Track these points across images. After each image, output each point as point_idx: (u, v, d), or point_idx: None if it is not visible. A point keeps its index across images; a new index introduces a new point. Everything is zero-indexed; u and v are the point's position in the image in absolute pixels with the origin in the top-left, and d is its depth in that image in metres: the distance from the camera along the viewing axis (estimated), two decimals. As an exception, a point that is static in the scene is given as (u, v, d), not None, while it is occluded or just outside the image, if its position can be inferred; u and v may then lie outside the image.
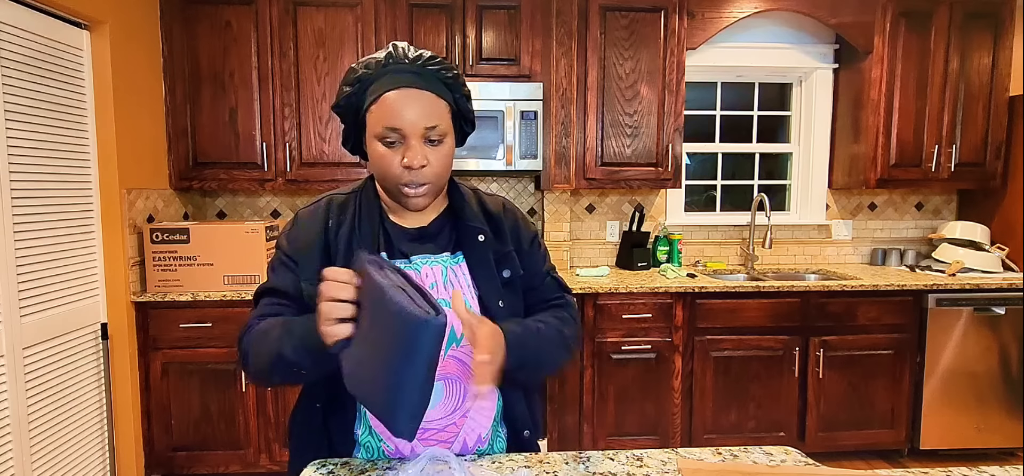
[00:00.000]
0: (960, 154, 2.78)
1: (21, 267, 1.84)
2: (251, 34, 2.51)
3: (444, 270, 0.92)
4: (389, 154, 0.83)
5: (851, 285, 2.50)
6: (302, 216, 0.94)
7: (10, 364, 1.80)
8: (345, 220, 0.91)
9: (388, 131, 0.82)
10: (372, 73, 0.83)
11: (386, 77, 0.82)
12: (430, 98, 0.83)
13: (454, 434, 0.92)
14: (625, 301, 2.46)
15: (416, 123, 0.81)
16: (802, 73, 3.09)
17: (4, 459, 1.78)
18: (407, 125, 0.81)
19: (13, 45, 1.81)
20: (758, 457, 0.88)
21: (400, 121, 0.81)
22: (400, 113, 0.81)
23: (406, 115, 0.81)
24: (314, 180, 2.60)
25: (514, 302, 0.96)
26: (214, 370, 2.35)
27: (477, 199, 1.00)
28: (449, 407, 0.90)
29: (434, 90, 0.83)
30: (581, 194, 3.03)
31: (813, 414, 2.55)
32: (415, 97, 0.82)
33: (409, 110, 0.81)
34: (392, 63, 0.83)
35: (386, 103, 0.81)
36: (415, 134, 0.82)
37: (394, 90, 0.81)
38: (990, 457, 2.63)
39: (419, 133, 0.82)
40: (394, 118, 0.81)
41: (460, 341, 0.89)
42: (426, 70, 0.83)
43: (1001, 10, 2.71)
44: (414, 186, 0.84)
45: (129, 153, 2.27)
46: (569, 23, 2.60)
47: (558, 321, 0.96)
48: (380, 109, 0.82)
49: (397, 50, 0.83)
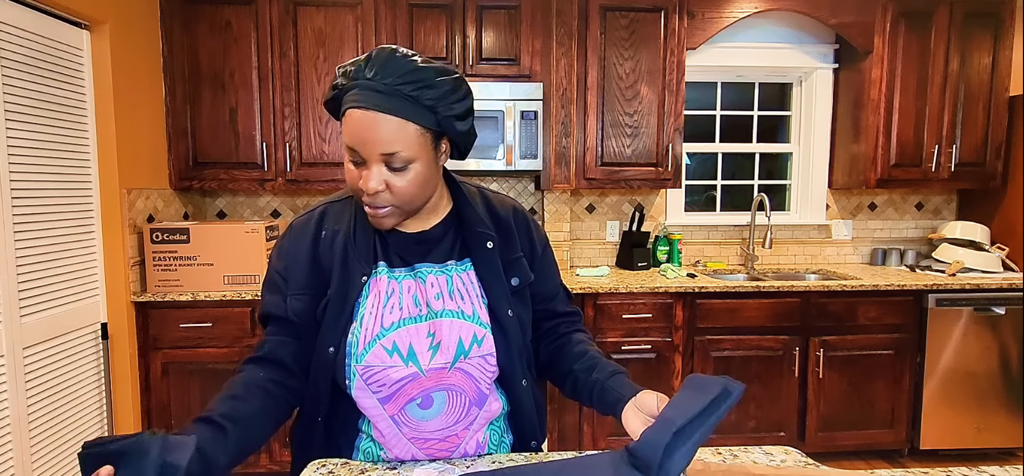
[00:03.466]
0: (960, 154, 2.78)
1: (21, 267, 1.84)
2: (251, 34, 2.51)
3: (449, 280, 0.89)
4: (354, 171, 0.79)
5: (851, 285, 2.50)
6: (295, 226, 0.91)
7: (10, 364, 1.80)
8: (340, 229, 0.88)
9: (350, 150, 0.78)
10: (346, 84, 0.77)
11: (354, 91, 0.76)
12: (394, 124, 0.74)
13: (455, 444, 0.90)
14: (625, 301, 2.46)
15: (370, 147, 0.76)
16: (802, 73, 3.09)
17: (4, 459, 1.78)
18: (364, 149, 0.76)
19: (13, 45, 1.81)
20: (758, 457, 0.88)
21: (356, 143, 0.76)
22: (357, 135, 0.76)
23: (360, 138, 0.75)
24: (314, 180, 2.60)
25: (522, 311, 0.93)
26: (214, 370, 2.35)
27: (483, 201, 0.95)
28: (450, 419, 0.88)
29: (402, 113, 0.75)
30: (581, 194, 3.03)
31: (813, 414, 2.55)
32: (375, 121, 0.74)
33: (366, 133, 0.75)
34: (362, 78, 0.75)
35: (348, 122, 0.76)
36: (373, 158, 0.77)
37: (357, 109, 0.75)
38: (990, 457, 2.63)
39: (376, 158, 0.76)
40: (352, 138, 0.76)
41: (468, 353, 0.87)
42: (396, 90, 0.74)
43: (1001, 10, 2.71)
44: (373, 208, 0.81)
45: (129, 153, 2.27)
46: (569, 23, 2.60)
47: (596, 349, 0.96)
48: (345, 125, 0.77)
49: (371, 61, 0.75)
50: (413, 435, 0.88)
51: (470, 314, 0.87)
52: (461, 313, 0.87)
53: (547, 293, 1.00)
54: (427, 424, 0.88)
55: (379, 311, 0.85)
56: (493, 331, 0.88)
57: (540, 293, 0.98)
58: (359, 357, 0.83)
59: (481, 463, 0.86)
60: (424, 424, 0.88)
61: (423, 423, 0.88)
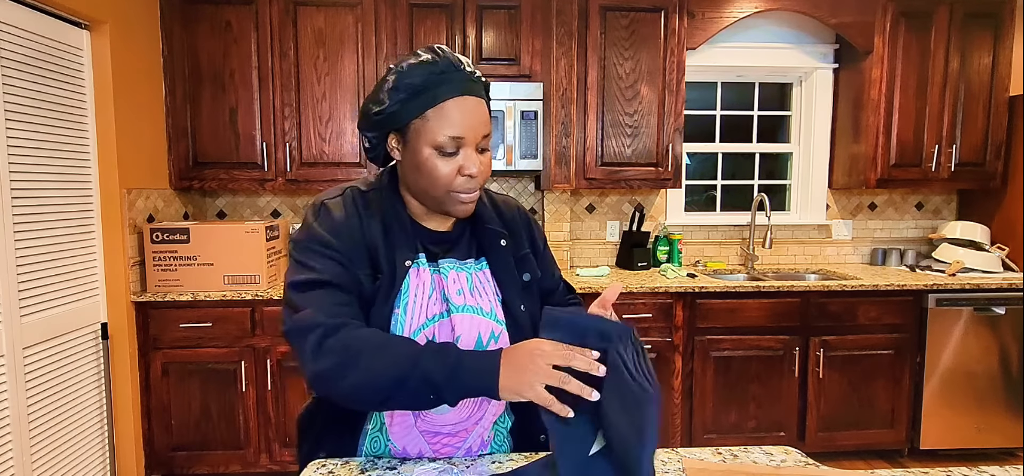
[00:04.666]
0: (960, 154, 2.78)
1: (21, 267, 1.84)
2: (251, 34, 2.51)
3: (469, 277, 0.92)
4: (443, 161, 0.81)
5: (851, 285, 2.50)
6: (334, 208, 0.86)
7: (10, 364, 1.80)
8: (373, 217, 0.87)
9: (450, 140, 0.80)
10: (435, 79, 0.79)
11: (452, 84, 0.79)
12: (485, 108, 0.84)
13: (463, 439, 0.92)
14: (625, 301, 2.46)
15: (477, 131, 0.82)
16: (802, 73, 3.09)
17: (4, 459, 1.78)
18: (469, 133, 0.81)
19: (13, 45, 1.81)
20: (758, 457, 0.88)
21: (463, 129, 0.80)
22: (463, 121, 0.80)
23: (469, 123, 0.80)
24: (314, 180, 2.60)
25: (532, 306, 0.95)
26: (214, 370, 2.35)
27: (490, 200, 1.00)
28: (464, 413, 0.90)
29: (485, 98, 0.85)
30: (581, 194, 3.03)
31: (813, 414, 2.55)
32: (479, 107, 0.82)
33: (471, 118, 0.81)
34: (460, 70, 0.80)
35: (454, 110, 0.79)
36: (473, 142, 0.82)
37: (469, 97, 0.80)
38: (990, 457, 2.63)
39: (477, 141, 0.82)
40: (457, 127, 0.79)
41: (487, 347, 0.88)
42: (476, 77, 0.83)
43: (1001, 10, 2.71)
44: (469, 192, 0.84)
45: (129, 153, 2.27)
46: (569, 23, 2.60)
47: None
48: (440, 118, 0.79)
49: (449, 57, 0.81)
50: (425, 428, 0.90)
51: (487, 311, 0.90)
52: (479, 309, 0.90)
53: (551, 287, 1.05)
54: (442, 417, 0.90)
55: (424, 301, 0.86)
56: (508, 327, 0.91)
57: (545, 288, 1.03)
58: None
59: (481, 463, 0.86)
60: (439, 417, 0.90)
61: (438, 417, 0.89)
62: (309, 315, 0.77)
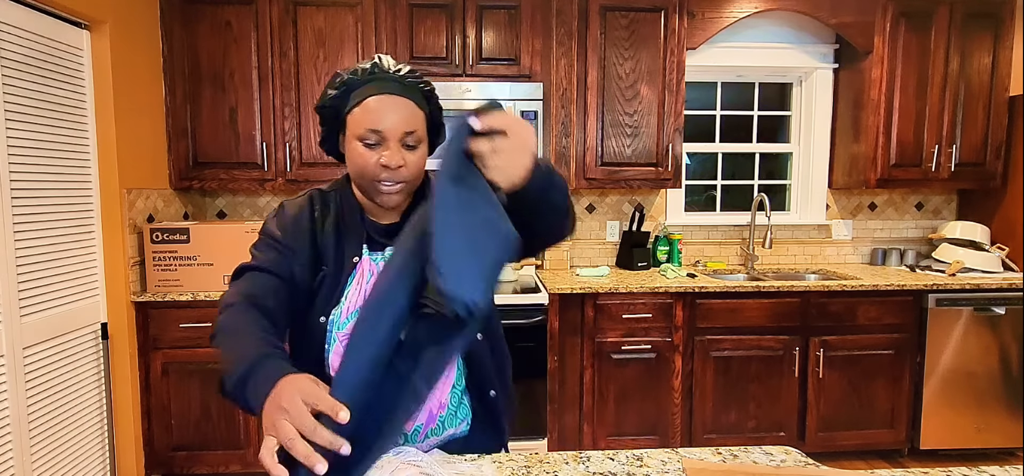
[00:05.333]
0: (960, 154, 2.78)
1: (21, 267, 1.84)
2: (251, 34, 2.51)
3: None
4: (367, 152, 0.89)
5: (851, 285, 2.50)
6: (290, 206, 0.98)
7: (10, 364, 1.80)
8: (329, 214, 0.97)
9: (369, 132, 0.88)
10: (357, 79, 0.90)
11: (371, 83, 0.89)
12: (411, 107, 0.90)
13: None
14: (625, 301, 2.46)
15: (397, 127, 0.88)
16: (802, 73, 3.09)
17: (4, 459, 1.78)
18: (388, 128, 0.88)
19: (13, 45, 1.81)
20: (758, 457, 0.88)
21: (381, 124, 0.88)
22: (382, 117, 0.88)
23: (389, 119, 0.88)
24: (314, 180, 2.60)
25: None
26: (214, 370, 2.35)
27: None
28: None
29: (414, 99, 0.91)
30: (581, 194, 3.03)
31: (813, 414, 2.55)
32: (397, 103, 0.89)
33: (392, 115, 0.88)
34: (377, 72, 0.90)
35: (369, 106, 0.88)
36: (394, 137, 0.88)
37: (382, 95, 0.88)
38: (990, 457, 2.63)
39: (398, 136, 0.89)
40: (376, 121, 0.88)
41: None
42: (407, 81, 0.91)
43: (1001, 10, 2.71)
44: (390, 183, 0.90)
45: (129, 153, 2.27)
46: (569, 23, 2.60)
47: None
48: (363, 112, 0.88)
49: (382, 62, 0.91)
50: None
51: None
52: None
53: None
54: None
55: (363, 287, 0.95)
56: None
57: None
58: (341, 325, 0.92)
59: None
60: None
61: None
62: (230, 294, 0.87)
